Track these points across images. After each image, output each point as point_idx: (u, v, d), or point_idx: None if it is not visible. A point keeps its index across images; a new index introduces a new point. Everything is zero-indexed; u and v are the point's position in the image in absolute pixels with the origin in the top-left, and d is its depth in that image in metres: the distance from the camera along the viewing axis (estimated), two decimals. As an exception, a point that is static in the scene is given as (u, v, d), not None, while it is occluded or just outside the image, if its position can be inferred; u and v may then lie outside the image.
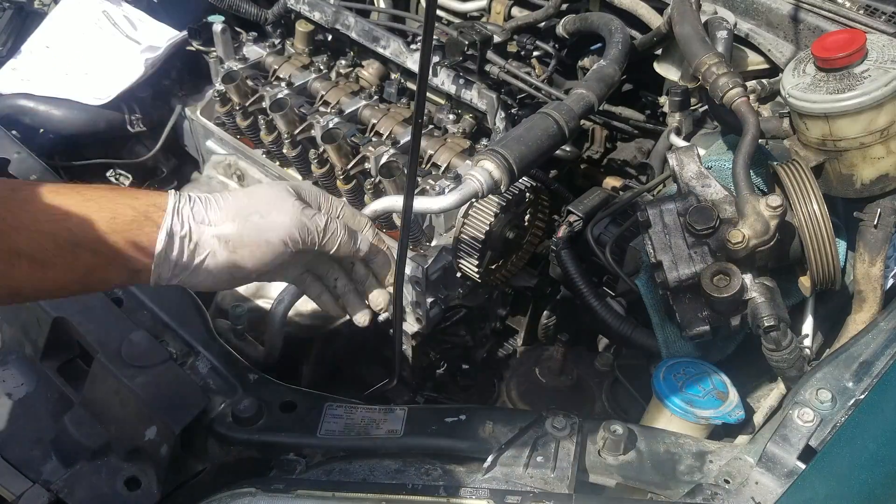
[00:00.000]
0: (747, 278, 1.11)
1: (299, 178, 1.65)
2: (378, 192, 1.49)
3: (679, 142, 1.53)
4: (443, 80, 1.61)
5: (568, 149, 1.68)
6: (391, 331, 1.21)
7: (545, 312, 1.78)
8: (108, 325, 1.17)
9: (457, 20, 1.86)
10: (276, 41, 1.81)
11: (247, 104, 1.66)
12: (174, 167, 1.96)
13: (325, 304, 1.10)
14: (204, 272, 0.92)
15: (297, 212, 0.95)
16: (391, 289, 1.10)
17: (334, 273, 1.08)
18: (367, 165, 1.52)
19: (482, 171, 1.24)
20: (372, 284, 1.10)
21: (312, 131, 1.57)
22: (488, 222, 1.40)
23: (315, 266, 1.07)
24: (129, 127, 1.80)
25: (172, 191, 0.91)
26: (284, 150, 1.60)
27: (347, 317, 1.11)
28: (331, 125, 1.54)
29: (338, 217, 1.01)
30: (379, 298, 1.09)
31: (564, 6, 1.73)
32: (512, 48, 1.69)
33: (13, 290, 0.85)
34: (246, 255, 0.93)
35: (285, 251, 0.95)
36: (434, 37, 1.51)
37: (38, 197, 0.82)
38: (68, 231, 0.82)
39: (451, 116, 1.62)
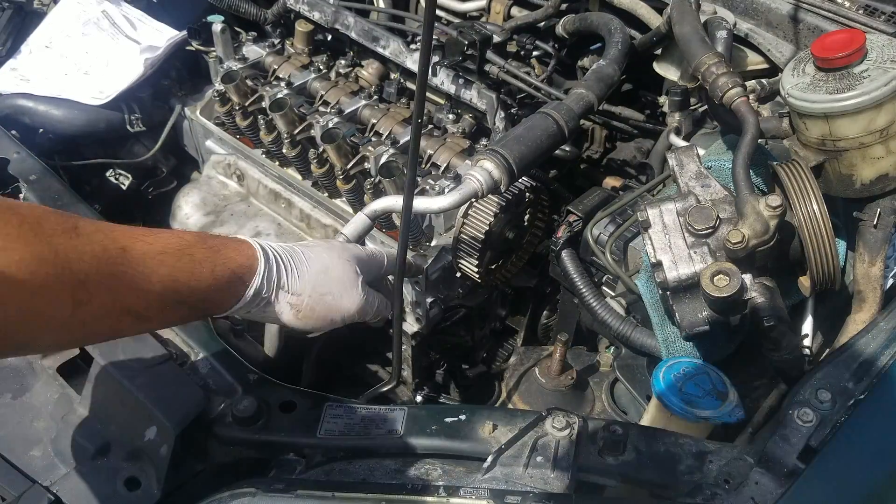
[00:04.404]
0: (747, 278, 1.11)
1: (299, 177, 1.65)
2: (378, 192, 1.49)
3: (679, 142, 1.53)
4: (442, 79, 1.61)
5: (568, 149, 1.67)
6: (391, 331, 1.21)
7: (545, 312, 1.78)
8: (107, 325, 1.17)
9: (456, 20, 1.85)
10: (276, 41, 1.81)
11: (246, 104, 1.66)
12: (173, 167, 1.96)
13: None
14: (269, 319, 1.06)
15: (362, 298, 1.10)
16: None
17: None
18: (366, 165, 1.52)
19: (482, 170, 1.24)
20: None
21: (312, 131, 1.57)
22: (488, 222, 1.40)
23: None
24: (128, 127, 1.80)
25: (261, 252, 1.00)
26: (284, 150, 1.60)
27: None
28: (330, 125, 1.54)
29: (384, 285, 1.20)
30: None
31: (564, 6, 1.73)
32: (511, 48, 1.69)
33: (112, 337, 0.98)
34: (309, 324, 1.07)
35: (340, 324, 1.11)
36: (434, 37, 1.51)
37: (151, 257, 0.88)
38: (176, 292, 0.90)
39: (451, 116, 1.62)
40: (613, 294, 1.42)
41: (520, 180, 1.41)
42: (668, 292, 1.15)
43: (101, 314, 0.84)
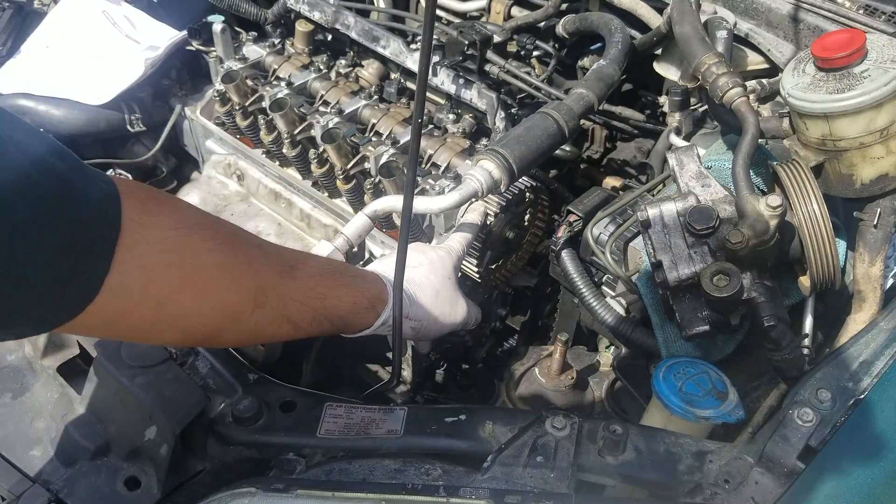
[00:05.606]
0: (747, 278, 1.11)
1: (299, 177, 1.65)
2: (378, 192, 1.49)
3: (679, 142, 1.53)
4: (443, 79, 1.61)
5: (568, 149, 1.67)
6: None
7: (545, 312, 1.77)
8: (107, 325, 1.17)
9: (457, 20, 1.85)
10: (276, 41, 1.81)
11: (247, 104, 1.66)
12: (174, 167, 1.96)
13: None
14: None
15: (465, 310, 1.29)
16: None
17: None
18: (367, 165, 1.52)
19: (482, 170, 1.24)
20: None
21: (312, 131, 1.57)
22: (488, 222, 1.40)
23: None
24: (128, 127, 1.79)
25: (389, 288, 1.13)
26: (284, 150, 1.60)
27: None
28: (331, 125, 1.54)
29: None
30: None
31: (564, 6, 1.73)
32: (512, 48, 1.69)
33: (272, 340, 1.23)
34: (427, 337, 1.32)
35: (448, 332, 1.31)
36: (434, 37, 1.51)
37: (310, 277, 1.04)
38: (324, 308, 1.05)
39: (451, 116, 1.62)
40: (613, 294, 1.42)
41: (520, 180, 1.41)
42: (668, 292, 1.15)
43: (270, 318, 0.97)
